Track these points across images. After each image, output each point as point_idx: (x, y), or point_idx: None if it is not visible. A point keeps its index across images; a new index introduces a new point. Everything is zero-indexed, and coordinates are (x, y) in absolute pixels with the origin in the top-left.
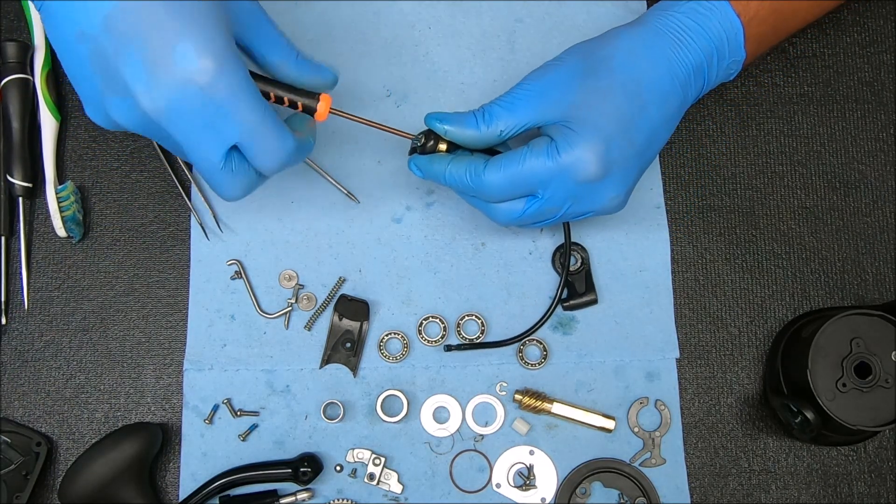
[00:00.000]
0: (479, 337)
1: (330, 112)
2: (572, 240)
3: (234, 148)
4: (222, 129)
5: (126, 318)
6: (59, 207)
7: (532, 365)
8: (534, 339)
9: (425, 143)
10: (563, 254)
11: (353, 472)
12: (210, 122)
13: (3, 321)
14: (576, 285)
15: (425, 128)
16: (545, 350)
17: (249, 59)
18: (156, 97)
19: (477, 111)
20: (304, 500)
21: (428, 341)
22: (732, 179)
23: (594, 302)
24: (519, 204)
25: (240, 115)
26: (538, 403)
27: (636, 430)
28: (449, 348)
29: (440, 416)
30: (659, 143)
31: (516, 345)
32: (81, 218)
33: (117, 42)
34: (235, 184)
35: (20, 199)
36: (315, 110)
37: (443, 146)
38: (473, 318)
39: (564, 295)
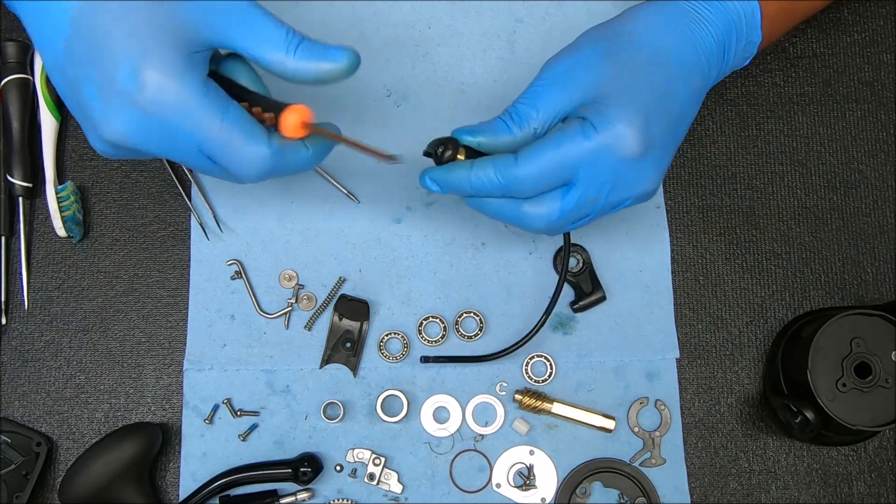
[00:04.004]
0: (477, 335)
1: (309, 129)
2: (572, 241)
3: None
4: (183, 144)
5: (126, 318)
6: (59, 207)
7: (537, 381)
8: (542, 355)
9: (443, 154)
10: (563, 257)
11: (353, 472)
12: (170, 140)
13: (3, 321)
14: (582, 286)
15: (436, 137)
16: (552, 368)
17: (248, 61)
18: (112, 123)
19: (504, 115)
20: (304, 500)
21: (428, 341)
22: (732, 179)
23: (603, 299)
24: (555, 203)
25: (195, 130)
26: (538, 403)
27: (636, 430)
28: (425, 360)
29: (440, 416)
30: (687, 121)
31: (523, 359)
32: (81, 218)
33: (77, 70)
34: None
35: (20, 199)
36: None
37: (461, 156)
38: (472, 315)
39: (571, 298)
